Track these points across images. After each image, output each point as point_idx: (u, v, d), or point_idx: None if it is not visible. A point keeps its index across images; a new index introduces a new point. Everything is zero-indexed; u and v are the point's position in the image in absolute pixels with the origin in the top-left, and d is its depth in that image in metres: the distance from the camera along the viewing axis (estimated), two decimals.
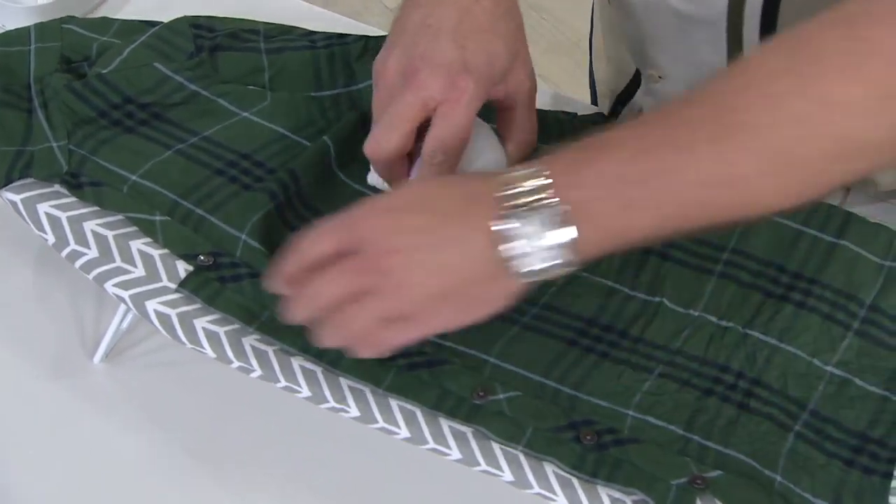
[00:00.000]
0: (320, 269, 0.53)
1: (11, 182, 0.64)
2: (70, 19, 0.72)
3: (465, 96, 0.57)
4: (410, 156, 0.61)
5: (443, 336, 0.62)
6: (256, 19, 0.75)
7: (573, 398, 0.60)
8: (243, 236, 0.63)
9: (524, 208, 0.50)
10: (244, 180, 0.66)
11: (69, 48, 0.70)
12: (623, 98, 0.88)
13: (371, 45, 0.72)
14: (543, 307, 0.64)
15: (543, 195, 0.50)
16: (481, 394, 0.59)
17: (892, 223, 0.67)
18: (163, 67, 0.69)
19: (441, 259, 0.52)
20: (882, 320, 0.63)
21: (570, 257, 0.51)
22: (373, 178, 0.65)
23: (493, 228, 0.51)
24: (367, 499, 0.64)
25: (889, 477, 0.58)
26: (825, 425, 0.60)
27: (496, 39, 0.59)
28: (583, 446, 0.58)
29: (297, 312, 0.55)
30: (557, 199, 0.50)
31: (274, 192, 0.65)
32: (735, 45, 0.70)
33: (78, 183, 0.65)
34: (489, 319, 0.62)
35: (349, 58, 0.72)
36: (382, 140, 0.58)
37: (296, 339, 0.60)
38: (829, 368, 0.61)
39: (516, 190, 0.51)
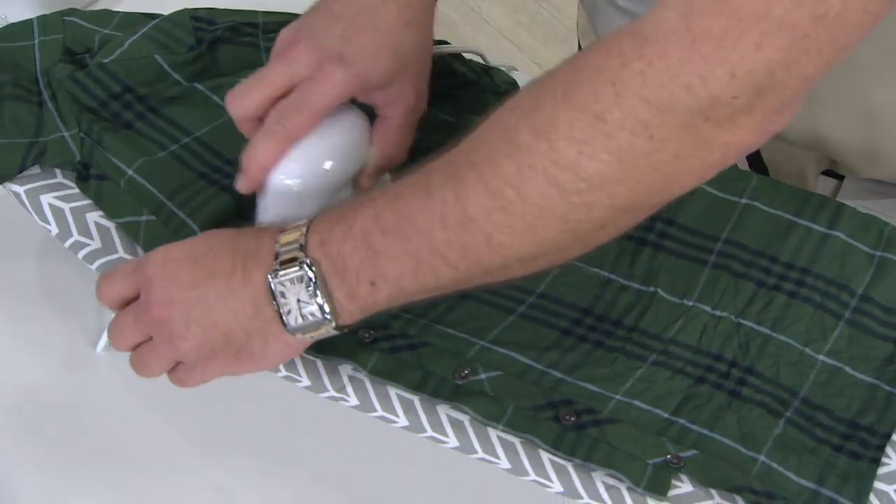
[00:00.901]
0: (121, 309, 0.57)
1: (24, 170, 0.65)
2: (72, 11, 0.72)
3: (327, 80, 0.58)
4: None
5: (436, 321, 0.63)
6: (256, 8, 0.76)
7: (559, 381, 0.61)
8: None
9: (288, 266, 0.53)
10: (225, 183, 0.67)
11: (72, 40, 0.71)
12: None
13: None
14: (539, 296, 0.65)
15: (301, 253, 0.53)
16: (464, 374, 0.61)
17: (883, 213, 0.68)
18: (162, 60, 0.70)
19: (211, 314, 0.54)
20: (873, 310, 0.64)
21: (329, 313, 0.53)
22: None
23: (266, 286, 0.53)
24: (370, 485, 0.65)
25: (876, 463, 0.59)
26: (815, 412, 0.61)
27: (385, 43, 0.60)
28: (562, 425, 0.59)
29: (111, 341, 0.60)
30: (309, 261, 0.52)
31: (241, 202, 0.66)
32: None
33: (87, 174, 0.66)
34: (485, 308, 0.64)
35: None
36: (241, 96, 0.59)
37: None
38: (820, 357, 0.62)
39: (285, 247, 0.53)
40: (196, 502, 0.64)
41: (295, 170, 0.59)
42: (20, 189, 0.65)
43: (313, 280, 0.52)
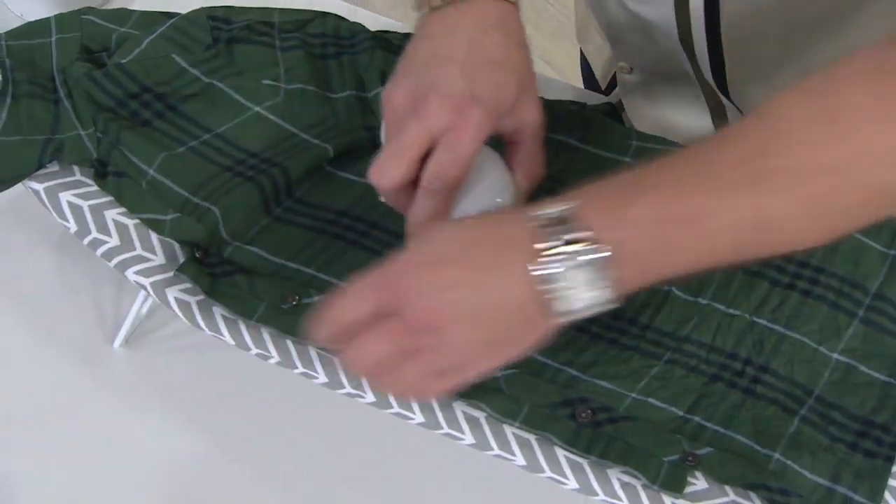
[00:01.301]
0: (364, 330, 0.53)
1: (42, 167, 0.66)
2: (89, 10, 0.73)
3: (470, 125, 0.57)
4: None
5: None
6: (270, 6, 0.76)
7: (575, 378, 0.62)
8: (233, 242, 0.66)
9: (564, 252, 0.50)
10: (248, 174, 0.68)
11: (89, 38, 0.71)
12: (614, 84, 0.89)
13: (377, 57, 0.73)
14: None
15: (582, 236, 0.50)
16: None
17: None
18: (180, 59, 0.70)
19: (484, 312, 0.52)
20: (887, 308, 0.65)
21: (610, 297, 0.51)
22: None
23: (533, 273, 0.50)
24: (382, 480, 0.65)
25: (891, 461, 0.59)
26: (830, 410, 0.61)
27: (505, 71, 0.59)
28: (578, 423, 0.60)
29: (345, 367, 0.56)
30: (599, 244, 0.50)
31: (270, 197, 0.66)
32: (688, 46, 0.71)
33: (104, 172, 0.66)
34: None
35: (357, 66, 0.73)
36: (387, 168, 0.57)
37: (294, 328, 0.61)
38: (834, 356, 0.63)
39: (553, 232, 0.51)
40: (212, 496, 0.65)
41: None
42: (39, 187, 0.66)
43: (590, 266, 0.50)
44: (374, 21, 0.84)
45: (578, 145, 0.71)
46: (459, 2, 0.59)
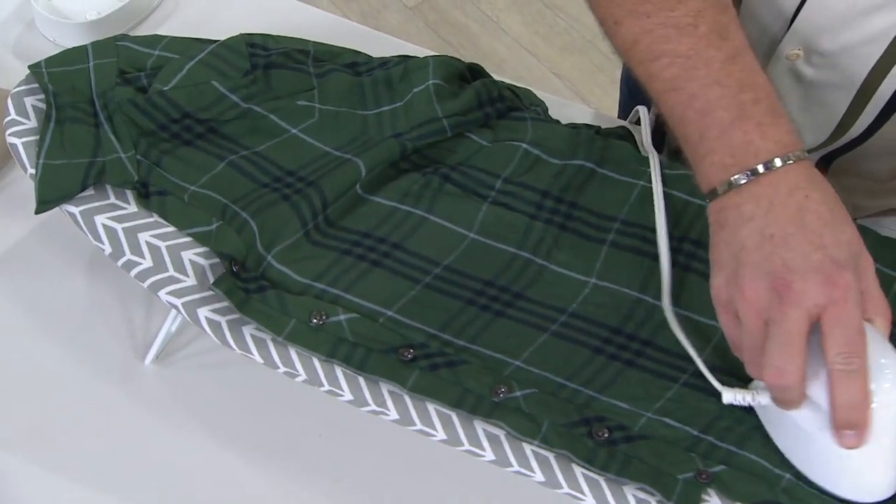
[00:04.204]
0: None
1: (85, 189, 0.68)
2: (123, 37, 0.75)
3: (850, 293, 0.55)
4: None
5: (472, 340, 0.66)
6: (293, 34, 0.79)
7: (592, 398, 0.64)
8: (269, 257, 0.68)
9: None
10: (285, 192, 0.70)
11: (125, 63, 0.74)
12: None
13: (411, 67, 0.75)
14: (570, 315, 0.67)
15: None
16: (501, 391, 0.63)
17: None
18: (220, 86, 0.73)
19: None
20: (893, 331, 0.66)
21: None
22: (729, 396, 0.62)
23: None
24: (406, 493, 0.67)
25: None
26: None
27: (845, 226, 0.57)
28: (595, 441, 0.61)
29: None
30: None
31: (304, 218, 0.69)
32: (852, 115, 0.72)
33: (146, 192, 0.69)
34: (518, 326, 0.66)
35: (391, 81, 0.75)
36: (787, 365, 0.55)
37: (321, 346, 0.64)
38: None
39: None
40: None
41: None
42: (76, 210, 0.68)
43: None
44: (399, 47, 0.86)
45: (595, 168, 0.73)
46: (764, 176, 0.58)
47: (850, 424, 0.56)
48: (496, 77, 0.79)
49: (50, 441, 0.69)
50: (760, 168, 0.57)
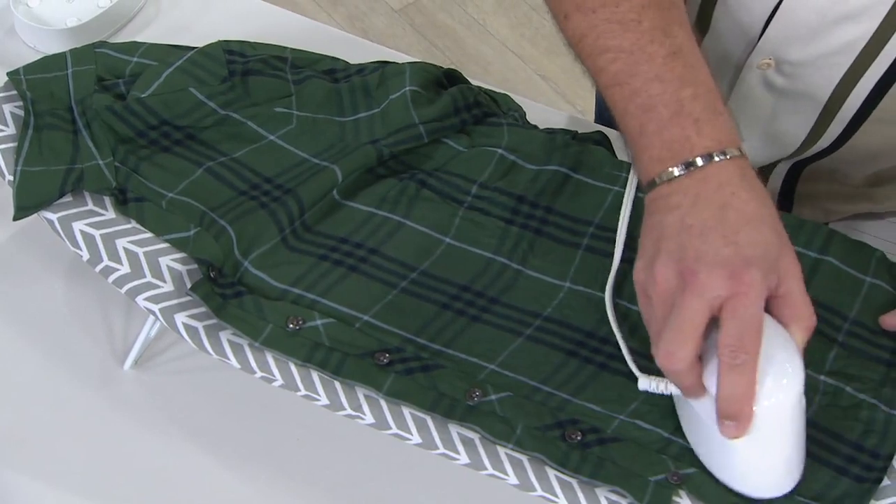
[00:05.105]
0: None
1: (63, 196, 0.69)
2: (102, 44, 0.76)
3: (750, 289, 0.56)
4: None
5: (447, 345, 0.66)
6: (273, 40, 0.79)
7: (566, 401, 0.64)
8: (246, 263, 0.68)
9: None
10: (263, 200, 0.71)
11: (103, 70, 0.74)
12: None
13: (388, 74, 0.76)
14: (545, 319, 0.68)
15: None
16: (476, 395, 0.64)
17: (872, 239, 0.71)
18: (197, 93, 0.73)
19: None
20: (864, 333, 0.67)
21: None
22: (644, 383, 0.63)
23: None
24: (380, 498, 0.68)
25: (878, 484, 0.61)
26: (821, 435, 0.63)
27: (764, 227, 0.58)
28: (568, 444, 0.62)
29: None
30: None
31: (281, 224, 0.69)
32: (823, 124, 0.73)
33: (124, 198, 0.69)
34: (494, 331, 0.67)
35: (368, 88, 0.76)
36: (678, 350, 0.56)
37: (297, 351, 0.64)
38: (822, 378, 0.65)
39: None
40: None
41: (786, 386, 0.58)
42: (53, 216, 0.68)
43: None
44: (379, 53, 0.87)
45: (570, 174, 0.74)
46: (696, 170, 0.59)
47: (730, 416, 0.57)
48: (482, 79, 0.80)
49: (29, 446, 0.69)
50: (696, 162, 0.59)
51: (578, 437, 0.62)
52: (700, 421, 0.60)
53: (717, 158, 0.59)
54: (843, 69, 0.69)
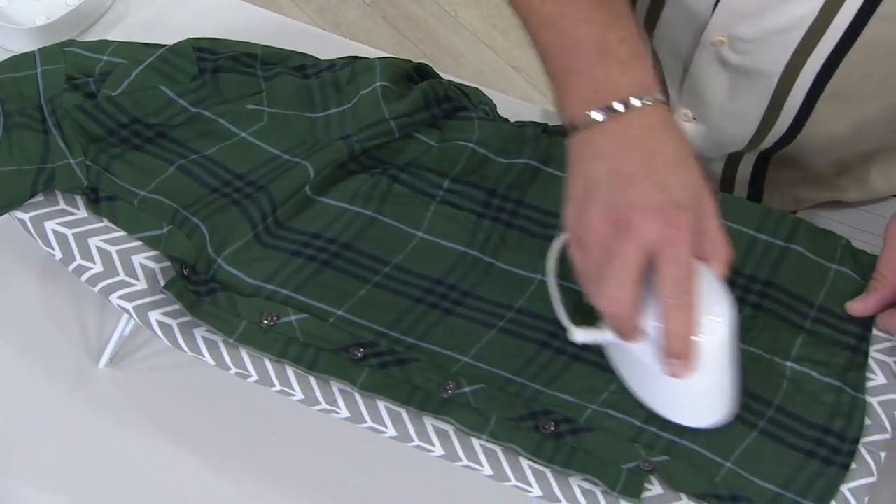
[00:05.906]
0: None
1: (34, 195, 0.69)
2: (70, 42, 0.75)
3: (685, 232, 0.57)
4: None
5: (421, 338, 0.67)
6: (243, 36, 0.79)
7: (539, 392, 0.65)
8: (219, 260, 0.68)
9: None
10: (235, 196, 0.71)
11: (72, 69, 0.74)
12: None
13: (358, 70, 0.76)
14: (518, 311, 0.69)
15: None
16: (449, 387, 0.64)
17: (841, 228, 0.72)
18: (168, 91, 0.73)
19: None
20: (831, 319, 0.68)
21: None
22: (580, 335, 0.64)
23: None
24: (360, 492, 0.69)
25: (846, 468, 0.62)
26: (788, 420, 0.64)
27: (690, 170, 0.59)
28: (541, 434, 0.63)
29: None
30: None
31: (254, 221, 0.69)
32: (778, 101, 0.74)
33: (96, 197, 0.69)
34: (467, 324, 0.67)
35: (339, 83, 0.76)
36: (619, 296, 0.57)
37: (272, 347, 0.65)
38: (788, 364, 0.66)
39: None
40: None
41: (722, 321, 0.60)
42: (25, 216, 0.68)
43: None
44: (350, 48, 0.87)
45: (540, 167, 0.75)
46: (618, 116, 0.60)
47: (677, 354, 0.59)
48: (454, 71, 0.80)
49: (3, 445, 0.69)
50: (618, 106, 0.60)
51: (552, 428, 0.63)
52: (638, 363, 0.62)
53: (639, 102, 0.60)
54: (794, 45, 0.70)
